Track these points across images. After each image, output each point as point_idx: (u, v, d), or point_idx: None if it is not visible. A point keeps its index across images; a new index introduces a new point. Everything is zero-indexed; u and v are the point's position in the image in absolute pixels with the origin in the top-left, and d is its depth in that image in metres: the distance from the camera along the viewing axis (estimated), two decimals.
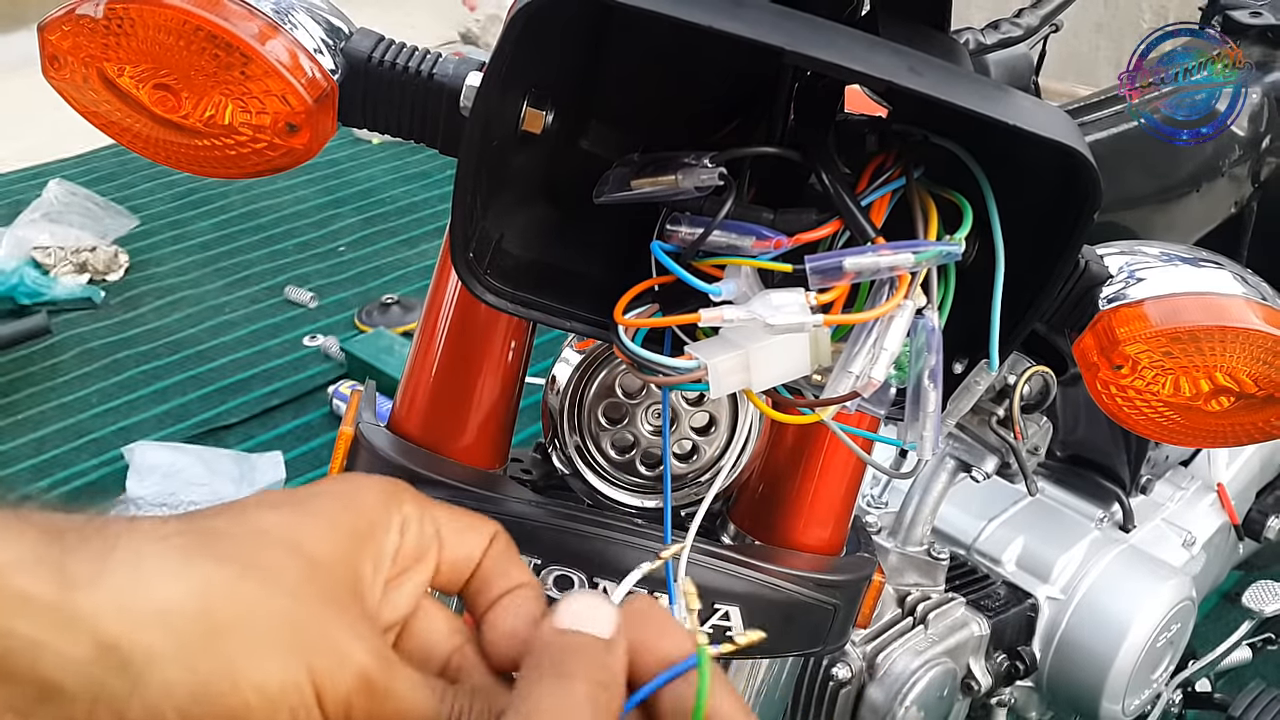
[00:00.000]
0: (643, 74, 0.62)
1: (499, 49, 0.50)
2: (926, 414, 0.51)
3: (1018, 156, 0.52)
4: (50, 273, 2.90)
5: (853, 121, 0.58)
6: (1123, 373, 0.62)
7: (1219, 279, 0.63)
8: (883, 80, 0.48)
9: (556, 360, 0.79)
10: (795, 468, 0.78)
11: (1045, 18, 0.77)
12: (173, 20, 0.59)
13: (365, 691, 0.41)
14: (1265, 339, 0.60)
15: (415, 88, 0.62)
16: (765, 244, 0.51)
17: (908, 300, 0.50)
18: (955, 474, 1.15)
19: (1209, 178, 1.14)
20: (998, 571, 1.29)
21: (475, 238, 0.56)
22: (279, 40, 0.60)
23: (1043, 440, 1.09)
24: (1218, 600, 1.98)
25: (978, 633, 1.17)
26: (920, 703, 1.08)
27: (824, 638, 0.75)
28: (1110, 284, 0.61)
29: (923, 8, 0.59)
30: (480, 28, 4.48)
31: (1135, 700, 1.26)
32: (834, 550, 0.78)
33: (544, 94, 0.56)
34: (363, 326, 2.78)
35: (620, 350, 0.53)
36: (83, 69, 0.62)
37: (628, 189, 0.55)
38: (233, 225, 3.27)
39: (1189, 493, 1.48)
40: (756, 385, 0.50)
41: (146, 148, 0.65)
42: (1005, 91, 0.52)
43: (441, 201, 3.40)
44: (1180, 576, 1.29)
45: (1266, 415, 0.64)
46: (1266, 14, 1.25)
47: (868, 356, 0.49)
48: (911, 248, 0.49)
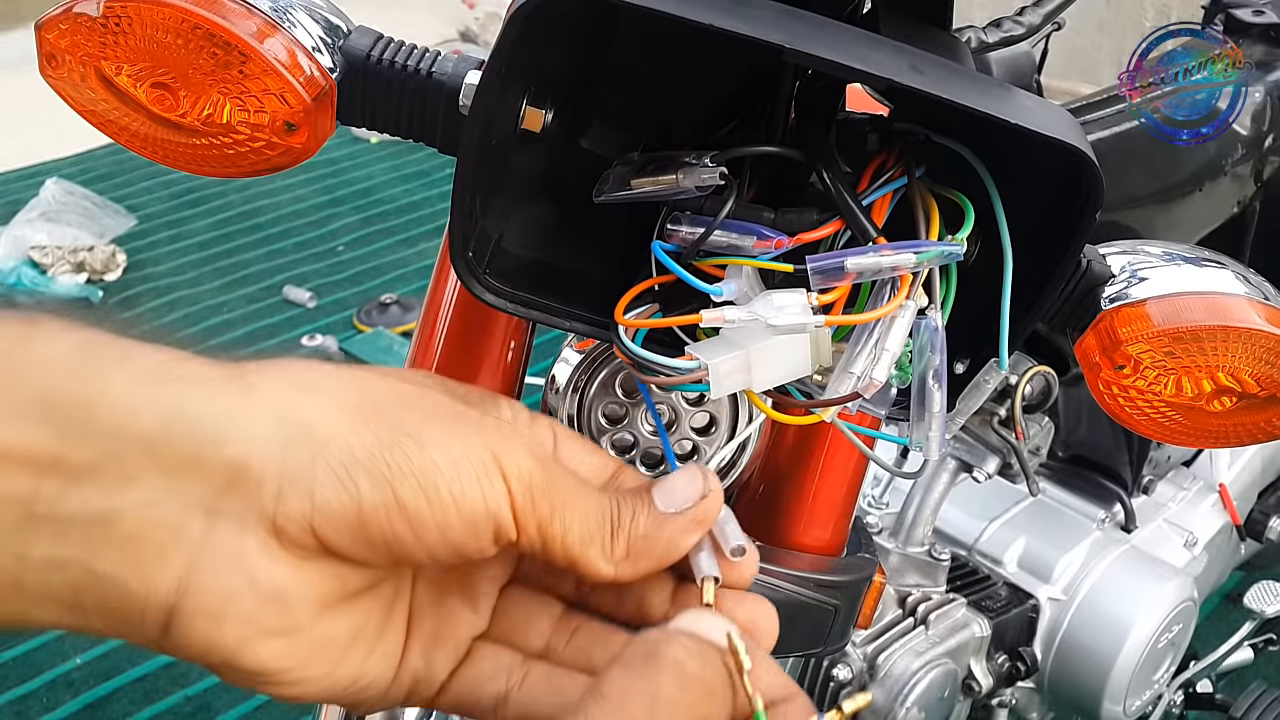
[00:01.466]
0: (642, 72, 0.62)
1: (498, 47, 0.50)
2: (932, 414, 0.51)
3: (1019, 156, 0.52)
4: (47, 272, 2.90)
5: (854, 120, 0.58)
6: (1125, 373, 0.62)
7: (1222, 279, 0.63)
8: (884, 79, 0.48)
9: (556, 360, 0.79)
10: (795, 468, 0.77)
11: (1047, 16, 0.77)
12: (171, 18, 0.59)
13: (544, 467, 0.40)
14: (1268, 339, 0.60)
15: (414, 86, 0.62)
16: (766, 244, 0.50)
17: (910, 300, 0.49)
18: (956, 474, 1.15)
19: (1211, 177, 1.14)
20: (999, 572, 1.29)
21: (474, 237, 0.56)
22: (277, 39, 0.60)
23: (1044, 440, 1.09)
24: (1219, 601, 1.98)
25: (979, 633, 1.17)
26: (921, 704, 1.08)
27: (824, 638, 0.75)
28: (1112, 283, 0.61)
29: (924, 6, 0.59)
30: (479, 26, 4.48)
31: (1136, 701, 1.26)
32: (835, 551, 0.78)
33: (543, 93, 0.56)
34: (361, 326, 2.78)
35: (621, 350, 0.53)
36: (80, 67, 0.62)
37: (628, 188, 0.55)
38: (231, 225, 3.27)
39: (1191, 493, 1.48)
40: (757, 386, 0.50)
41: (144, 147, 0.65)
42: (1007, 90, 0.51)
43: (440, 200, 3.40)
44: (1182, 577, 1.29)
45: (1269, 415, 0.64)
46: (1269, 13, 1.24)
47: (869, 357, 0.49)
48: (913, 248, 0.49)
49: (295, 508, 0.37)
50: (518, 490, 0.39)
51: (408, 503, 0.38)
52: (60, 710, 1.81)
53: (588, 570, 0.42)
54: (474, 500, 0.38)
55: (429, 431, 0.39)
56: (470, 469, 0.38)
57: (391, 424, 0.38)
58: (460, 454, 0.39)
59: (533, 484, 0.40)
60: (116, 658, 1.88)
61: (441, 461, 0.38)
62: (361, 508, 0.37)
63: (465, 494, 0.38)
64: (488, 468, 0.39)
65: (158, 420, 0.36)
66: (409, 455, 0.38)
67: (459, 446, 0.39)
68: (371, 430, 0.38)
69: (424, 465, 0.38)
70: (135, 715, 1.80)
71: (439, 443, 0.38)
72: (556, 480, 0.41)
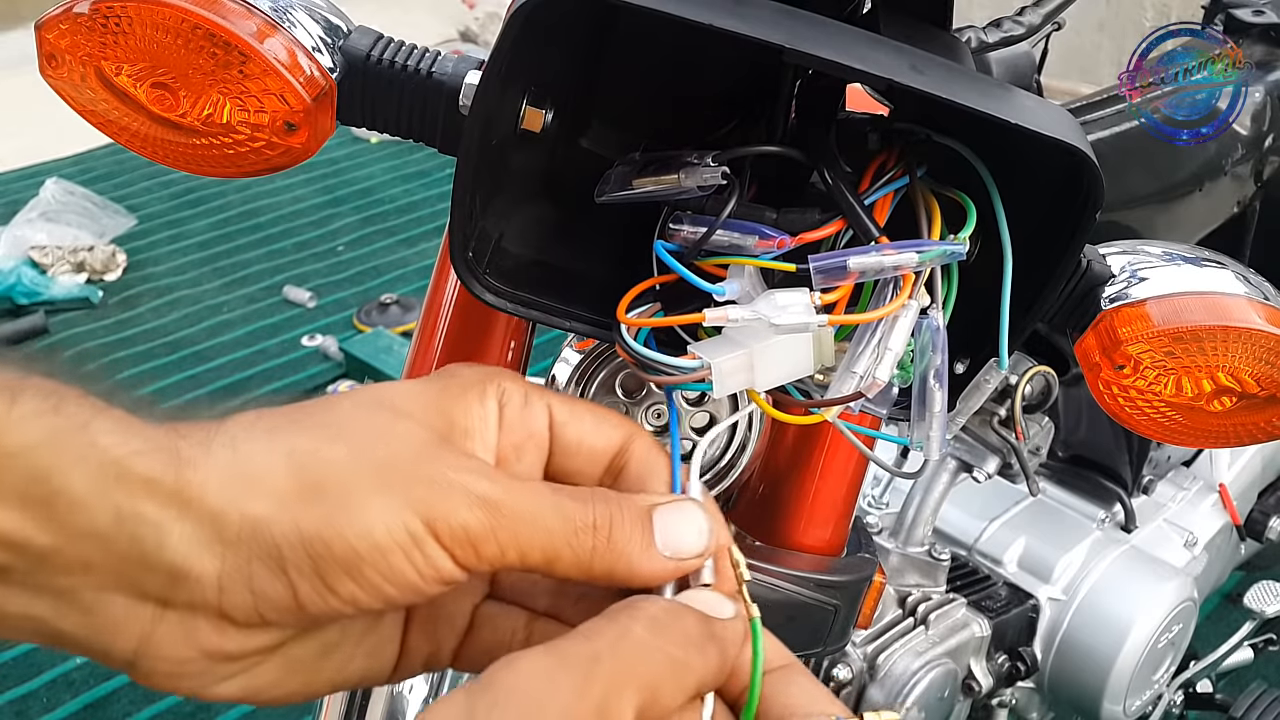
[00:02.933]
0: (642, 72, 0.62)
1: (498, 47, 0.50)
2: (933, 414, 0.51)
3: (1020, 156, 0.52)
4: (47, 272, 2.90)
5: (854, 120, 0.58)
6: (1125, 373, 0.62)
7: (1222, 279, 0.63)
8: (884, 79, 0.48)
9: (556, 360, 0.79)
10: (795, 468, 0.77)
11: (1047, 16, 0.77)
12: (171, 18, 0.59)
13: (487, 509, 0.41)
14: (1268, 339, 0.60)
15: (414, 86, 0.62)
16: (768, 243, 0.50)
17: (912, 300, 0.49)
18: (956, 474, 1.15)
19: (1212, 177, 1.14)
20: (999, 572, 1.29)
21: (474, 237, 0.56)
22: (277, 38, 0.60)
23: (1044, 440, 1.09)
24: (1219, 601, 1.98)
25: (979, 633, 1.17)
26: (921, 704, 1.08)
27: (824, 638, 0.75)
28: (1112, 283, 0.61)
29: (924, 5, 0.59)
30: (479, 25, 4.48)
31: (1136, 701, 1.26)
32: (835, 551, 0.78)
33: (543, 92, 0.56)
34: (361, 326, 2.78)
35: (623, 349, 0.52)
36: (80, 67, 0.62)
37: (630, 188, 0.55)
38: (231, 225, 3.27)
39: (1191, 493, 1.48)
40: (760, 385, 0.50)
41: (144, 147, 0.65)
42: (1007, 90, 0.51)
43: (440, 200, 3.40)
44: (1182, 577, 1.29)
45: (1269, 415, 0.64)
46: (1269, 13, 1.24)
47: (872, 357, 0.49)
48: (915, 247, 0.49)
49: (238, 600, 0.40)
50: (455, 546, 0.40)
51: (339, 589, 0.40)
52: (60, 710, 1.81)
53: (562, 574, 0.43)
54: (404, 573, 0.40)
55: (348, 515, 0.40)
56: (396, 546, 0.40)
57: (311, 512, 0.40)
58: (384, 535, 0.40)
59: (473, 536, 0.40)
60: None
61: (363, 550, 0.40)
62: (297, 596, 0.40)
63: (393, 570, 0.40)
64: (417, 539, 0.40)
65: (109, 521, 0.39)
66: (331, 544, 0.39)
67: (382, 524, 0.40)
68: (293, 523, 0.40)
69: (346, 552, 0.39)
70: (135, 715, 1.80)
71: (359, 527, 0.40)
72: (503, 520, 0.41)
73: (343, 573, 0.39)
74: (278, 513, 0.40)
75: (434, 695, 0.85)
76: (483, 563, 0.41)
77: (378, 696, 0.83)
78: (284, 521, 0.39)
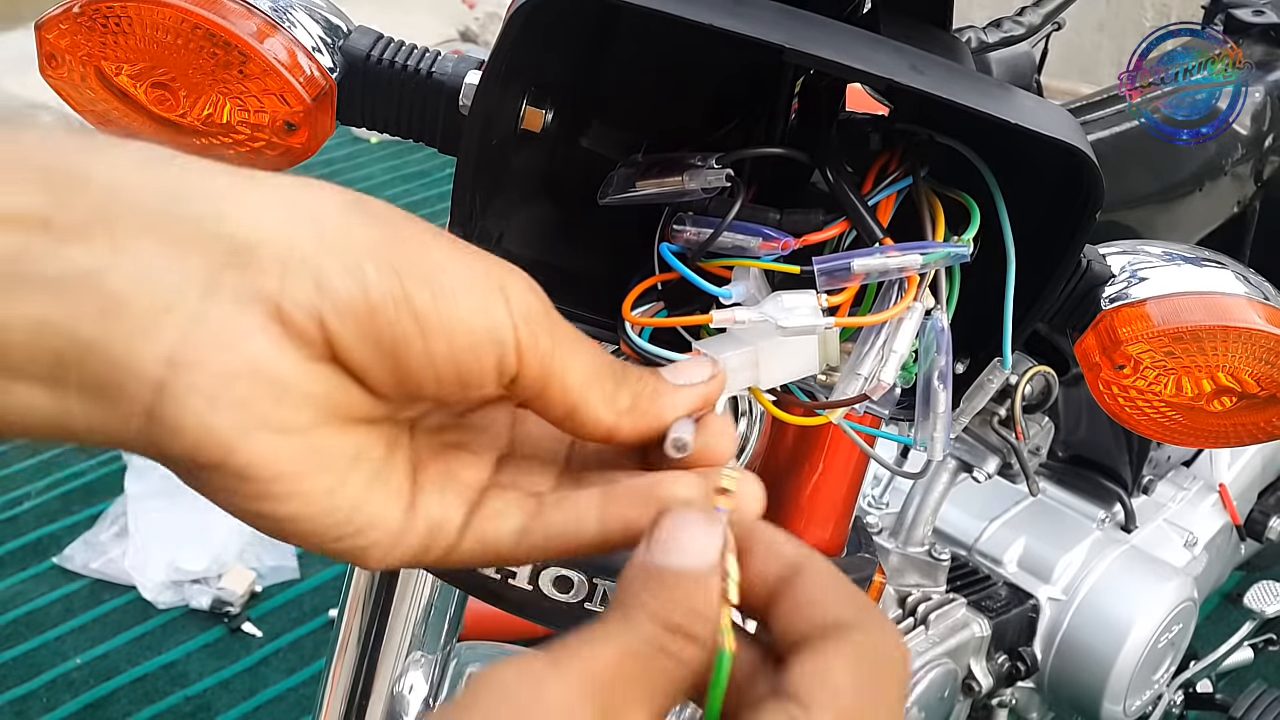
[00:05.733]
0: (643, 72, 0.62)
1: (498, 47, 0.50)
2: (937, 415, 0.51)
3: (1020, 156, 0.52)
4: None
5: (855, 121, 0.58)
6: (1125, 373, 0.62)
7: (1222, 278, 0.63)
8: (884, 79, 0.48)
9: None
10: (795, 468, 0.77)
11: (1047, 16, 0.77)
12: (171, 18, 0.59)
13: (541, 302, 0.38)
14: (1268, 339, 0.60)
15: (414, 86, 0.62)
16: (772, 245, 0.50)
17: (917, 302, 0.50)
18: (956, 474, 1.14)
19: (1212, 177, 1.14)
20: (999, 572, 1.28)
21: (475, 237, 0.56)
22: (277, 38, 0.60)
23: (1044, 440, 1.09)
24: (1219, 601, 1.97)
25: (979, 633, 1.17)
26: (921, 703, 1.08)
27: None
28: (1112, 283, 0.61)
29: (924, 5, 0.59)
30: (479, 25, 4.48)
31: (1136, 701, 1.26)
32: (835, 551, 0.78)
33: (543, 92, 0.56)
34: None
35: (629, 347, 0.53)
36: (80, 67, 0.62)
37: (633, 190, 0.55)
38: None
39: (1191, 493, 1.48)
40: (764, 384, 0.50)
41: None
42: (1007, 90, 0.51)
43: (441, 200, 3.40)
44: (1182, 577, 1.29)
45: (1269, 415, 0.64)
46: (1269, 13, 1.24)
47: (877, 358, 0.49)
48: (919, 249, 0.49)
49: (301, 293, 0.34)
50: (520, 320, 0.37)
51: (415, 298, 0.35)
52: (60, 710, 1.81)
53: (587, 417, 0.40)
54: (480, 315, 0.36)
55: (435, 243, 0.37)
56: (476, 285, 0.36)
57: (398, 227, 0.37)
58: (466, 268, 0.37)
59: (534, 316, 0.38)
60: (116, 658, 1.88)
61: (449, 266, 0.36)
62: (369, 296, 0.35)
63: (472, 306, 0.36)
64: (492, 288, 0.37)
65: (156, 196, 0.34)
66: (417, 254, 0.36)
67: (465, 261, 0.37)
68: (379, 227, 0.36)
69: (431, 266, 0.36)
70: (135, 715, 1.80)
71: (446, 252, 0.37)
72: (557, 322, 0.39)
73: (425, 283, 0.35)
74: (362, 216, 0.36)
75: (434, 695, 0.85)
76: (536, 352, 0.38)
77: (377, 697, 0.84)
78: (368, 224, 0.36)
